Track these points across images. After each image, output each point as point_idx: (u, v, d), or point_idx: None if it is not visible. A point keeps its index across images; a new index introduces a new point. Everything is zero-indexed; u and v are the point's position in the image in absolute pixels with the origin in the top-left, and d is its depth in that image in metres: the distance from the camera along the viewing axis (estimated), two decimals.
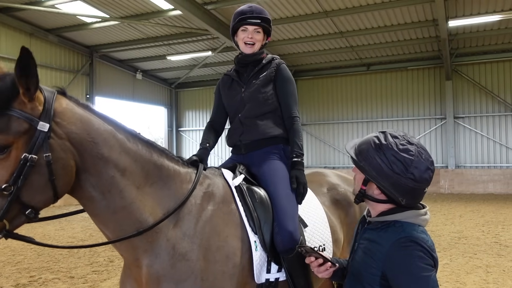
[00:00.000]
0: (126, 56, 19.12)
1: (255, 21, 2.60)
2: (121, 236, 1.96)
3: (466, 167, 18.04)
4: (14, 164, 1.64)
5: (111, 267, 6.53)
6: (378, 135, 1.84)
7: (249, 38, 2.64)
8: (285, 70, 2.69)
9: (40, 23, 15.14)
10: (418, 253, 1.63)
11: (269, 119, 2.62)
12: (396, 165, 1.72)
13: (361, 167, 1.83)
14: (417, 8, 13.30)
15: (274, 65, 2.67)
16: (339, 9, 13.41)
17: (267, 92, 2.61)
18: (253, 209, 2.28)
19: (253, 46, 2.65)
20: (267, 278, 2.21)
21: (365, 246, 1.82)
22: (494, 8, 13.00)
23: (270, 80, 2.64)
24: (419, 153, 1.75)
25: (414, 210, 1.79)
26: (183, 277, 1.98)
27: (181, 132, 24.09)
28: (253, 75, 2.67)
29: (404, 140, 1.77)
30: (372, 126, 19.73)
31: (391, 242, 1.69)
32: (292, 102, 2.65)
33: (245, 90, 2.65)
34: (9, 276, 6.06)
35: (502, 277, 5.73)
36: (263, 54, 2.74)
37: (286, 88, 2.65)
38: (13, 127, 1.64)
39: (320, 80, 20.75)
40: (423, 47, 17.39)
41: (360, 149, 1.85)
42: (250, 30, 2.63)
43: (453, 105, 18.08)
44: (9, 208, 1.63)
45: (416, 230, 1.71)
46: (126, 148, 1.98)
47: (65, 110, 1.82)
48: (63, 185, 1.76)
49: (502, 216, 10.96)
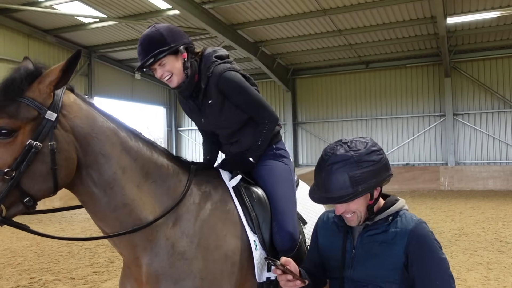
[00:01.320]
0: (125, 56, 19.09)
1: (148, 62, 2.23)
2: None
3: (466, 164, 18.05)
4: (19, 149, 1.68)
5: (112, 267, 6.52)
6: (340, 156, 1.80)
7: (161, 76, 2.31)
8: (227, 81, 2.34)
9: (38, 23, 15.10)
10: (432, 235, 1.80)
11: (248, 128, 2.50)
12: (371, 158, 1.79)
13: (363, 191, 1.77)
14: (415, 5, 13.28)
15: (215, 83, 2.36)
16: (337, 7, 13.39)
17: (227, 114, 2.41)
18: (251, 208, 2.28)
19: (172, 77, 2.32)
20: (268, 277, 2.22)
21: (375, 253, 1.82)
22: (492, 4, 12.99)
23: (222, 102, 2.39)
24: (366, 143, 1.87)
25: (400, 199, 1.93)
26: (182, 276, 1.98)
27: (181, 132, 24.08)
28: (203, 104, 2.45)
29: (348, 142, 1.86)
30: (371, 124, 19.73)
31: (413, 224, 1.80)
32: (255, 107, 2.42)
33: (205, 120, 2.51)
34: (10, 278, 6.06)
35: (503, 274, 5.73)
36: (195, 78, 2.39)
37: (240, 100, 2.39)
38: (22, 113, 1.70)
39: (319, 79, 20.73)
40: (422, 45, 17.37)
41: (356, 179, 1.75)
42: (155, 68, 2.30)
43: (452, 102, 18.08)
44: (8, 193, 1.65)
45: (413, 215, 1.88)
46: (127, 147, 2.01)
47: (73, 104, 1.88)
48: (64, 176, 1.79)
49: (502, 213, 10.97)
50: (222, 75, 2.34)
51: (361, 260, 1.85)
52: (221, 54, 2.48)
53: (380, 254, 1.80)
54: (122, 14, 14.11)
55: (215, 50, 2.49)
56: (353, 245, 1.91)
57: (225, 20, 14.17)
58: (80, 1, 12.91)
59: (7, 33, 14.36)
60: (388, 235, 1.81)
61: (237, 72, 2.41)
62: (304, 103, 20.78)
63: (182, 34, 2.35)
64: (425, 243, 1.76)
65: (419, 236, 1.76)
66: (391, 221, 1.84)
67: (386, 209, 1.87)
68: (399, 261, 1.76)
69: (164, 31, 2.26)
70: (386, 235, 1.82)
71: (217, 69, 2.36)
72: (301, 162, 20.79)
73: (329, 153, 1.83)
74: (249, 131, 2.50)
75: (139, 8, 13.59)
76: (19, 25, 14.63)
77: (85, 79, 18.15)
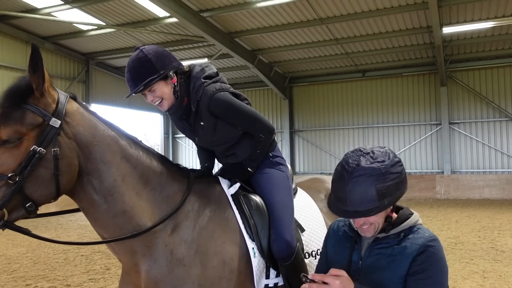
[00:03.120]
0: (122, 63, 19.12)
1: (138, 88, 2.24)
2: (121, 241, 1.99)
3: (462, 172, 18.10)
4: (23, 155, 1.72)
5: (108, 274, 6.50)
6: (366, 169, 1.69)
7: (151, 101, 2.34)
8: (218, 106, 2.32)
9: (37, 31, 15.14)
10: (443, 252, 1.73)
11: (244, 141, 2.50)
12: (396, 170, 1.73)
13: (389, 204, 1.72)
14: (412, 15, 13.41)
15: (205, 107, 2.33)
16: (334, 16, 13.50)
17: (222, 133, 2.42)
18: (250, 216, 2.30)
19: (162, 102, 2.33)
20: (266, 284, 2.23)
21: (382, 265, 1.75)
22: (487, 15, 13.13)
23: (214, 124, 2.38)
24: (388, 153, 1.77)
25: (414, 213, 1.85)
26: (181, 282, 2.00)
27: (177, 139, 24.08)
28: (195, 125, 2.47)
29: (371, 152, 1.76)
30: (367, 132, 19.79)
31: (424, 240, 1.72)
32: (249, 124, 2.41)
33: (199, 139, 2.53)
34: (5, 285, 6.03)
35: (499, 282, 5.74)
36: (184, 100, 2.38)
37: (233, 118, 2.39)
38: (28, 119, 1.75)
39: (316, 87, 20.82)
40: (418, 54, 17.50)
41: (382, 192, 1.68)
42: (146, 94, 2.32)
43: (448, 111, 18.17)
44: (11, 198, 1.68)
45: (427, 230, 1.80)
46: (127, 154, 2.04)
47: (76, 112, 1.93)
48: (66, 182, 1.83)
49: (498, 221, 11.00)
50: (213, 97, 2.31)
51: (368, 272, 1.78)
52: (209, 73, 2.45)
53: (387, 268, 1.73)
54: (121, 22, 14.17)
55: (203, 69, 2.46)
56: (360, 256, 1.84)
57: (223, 28, 14.25)
58: (79, 8, 12.96)
59: (6, 40, 14.39)
60: (398, 249, 1.74)
61: (226, 92, 2.38)
62: (301, 111, 20.84)
63: (170, 57, 2.32)
64: (430, 264, 1.67)
65: (427, 255, 1.68)
66: (403, 237, 1.76)
67: (400, 223, 1.79)
68: (405, 275, 1.70)
69: (153, 57, 2.22)
70: (395, 249, 1.75)
71: (207, 91, 2.32)
72: (298, 170, 20.81)
73: (353, 164, 1.71)
74: (245, 144, 2.51)
75: (137, 16, 13.65)
76: (18, 32, 14.67)
77: (83, 86, 18.17)
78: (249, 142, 2.49)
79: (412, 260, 1.68)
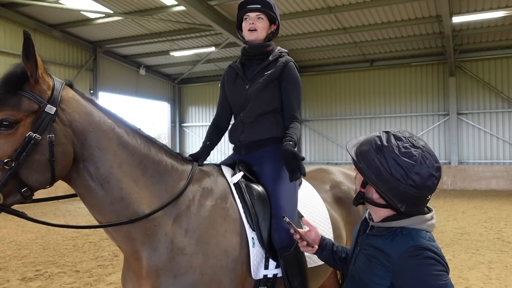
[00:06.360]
0: (130, 51, 19.15)
1: (255, 6, 2.54)
2: (119, 228, 2.01)
3: (469, 163, 18.03)
4: (19, 141, 1.75)
5: (116, 261, 6.59)
6: (381, 135, 1.70)
7: (251, 24, 2.56)
8: (292, 70, 2.57)
9: (44, 18, 15.16)
10: (431, 261, 1.52)
11: (270, 118, 2.58)
12: (396, 169, 1.60)
13: (360, 169, 1.71)
14: (421, 4, 13.26)
15: (281, 64, 2.56)
16: (342, 5, 13.38)
17: (271, 92, 2.54)
18: (251, 205, 2.30)
19: (256, 32, 2.57)
20: (264, 274, 2.24)
21: (370, 254, 1.70)
22: (498, 4, 12.95)
23: (275, 79, 2.54)
24: (423, 158, 1.60)
25: (420, 216, 1.66)
26: (182, 271, 2.01)
27: (184, 128, 24.14)
28: (258, 72, 2.59)
29: (408, 143, 1.63)
30: (375, 122, 19.72)
31: (400, 252, 1.57)
32: (295, 104, 2.56)
33: (249, 87, 2.59)
34: (16, 270, 6.14)
35: (505, 273, 5.76)
36: (269, 47, 2.64)
37: (291, 90, 2.55)
38: (23, 106, 1.78)
39: (323, 76, 20.73)
40: (427, 43, 17.34)
41: (361, 149, 1.72)
42: (251, 17, 2.57)
43: (456, 101, 18.04)
44: (6, 183, 1.72)
45: (424, 237, 1.60)
46: (124, 142, 2.05)
47: (71, 99, 1.94)
48: (61, 168, 1.85)
49: (505, 213, 10.98)
50: (293, 65, 2.61)
51: (359, 257, 1.79)
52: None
53: (372, 260, 1.67)
54: (128, 10, 14.15)
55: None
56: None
57: (230, 16, 14.18)
58: None
59: (13, 27, 14.41)
60: (379, 251, 1.65)
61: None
62: (308, 100, 20.77)
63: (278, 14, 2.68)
64: (417, 275, 1.52)
65: (407, 267, 1.54)
66: (386, 235, 1.67)
67: (390, 220, 1.69)
68: (384, 284, 1.60)
69: (274, 5, 2.63)
70: (382, 243, 1.67)
71: (289, 57, 2.65)
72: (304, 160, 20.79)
73: (384, 132, 1.76)
74: (265, 122, 2.57)
75: (145, 4, 13.62)
76: (25, 19, 14.69)
77: (90, 74, 18.22)
78: (268, 123, 2.57)
79: (394, 276, 1.58)
